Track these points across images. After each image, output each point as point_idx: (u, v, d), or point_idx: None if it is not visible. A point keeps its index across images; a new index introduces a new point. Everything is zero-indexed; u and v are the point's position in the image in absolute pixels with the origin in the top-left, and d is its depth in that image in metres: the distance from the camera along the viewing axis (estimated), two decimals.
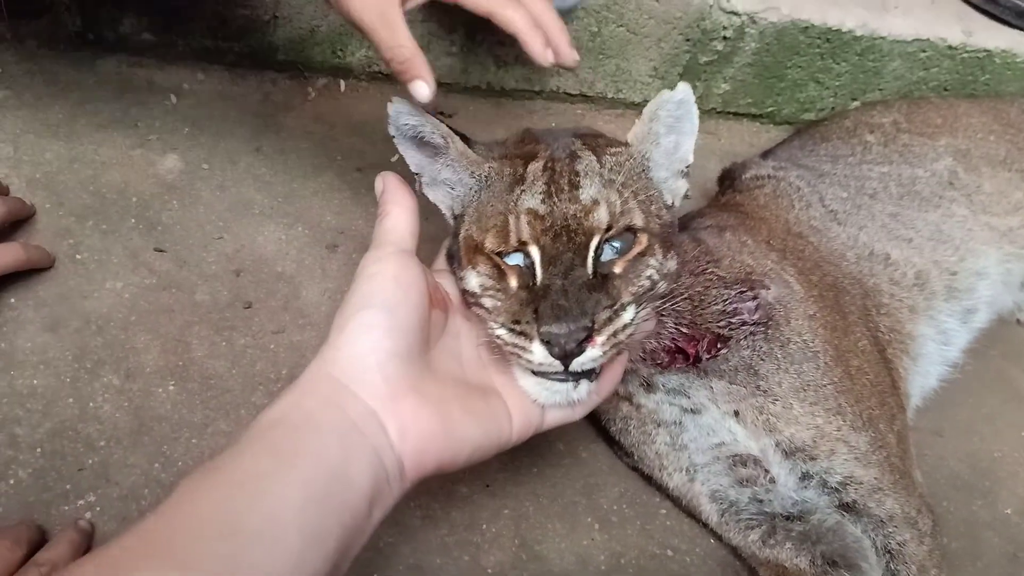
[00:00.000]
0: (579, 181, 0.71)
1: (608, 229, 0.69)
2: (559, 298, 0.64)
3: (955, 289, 1.10)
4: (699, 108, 1.39)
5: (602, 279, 0.67)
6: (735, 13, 1.27)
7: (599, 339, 0.64)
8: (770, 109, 1.44)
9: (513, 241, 0.69)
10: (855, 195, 1.11)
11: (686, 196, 0.81)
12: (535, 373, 0.67)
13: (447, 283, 0.75)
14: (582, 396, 0.69)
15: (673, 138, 0.77)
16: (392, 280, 0.64)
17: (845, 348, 0.91)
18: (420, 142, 0.77)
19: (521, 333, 0.65)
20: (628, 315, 0.67)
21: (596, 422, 0.99)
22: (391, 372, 0.60)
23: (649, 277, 0.70)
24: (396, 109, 0.76)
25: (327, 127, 1.24)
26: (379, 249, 0.67)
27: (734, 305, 0.87)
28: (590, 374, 0.68)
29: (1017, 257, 1.17)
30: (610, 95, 1.36)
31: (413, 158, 0.79)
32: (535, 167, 0.72)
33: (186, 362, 0.92)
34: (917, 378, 1.07)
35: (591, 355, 0.64)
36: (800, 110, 1.44)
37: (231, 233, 1.05)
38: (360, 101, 1.25)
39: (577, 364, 0.65)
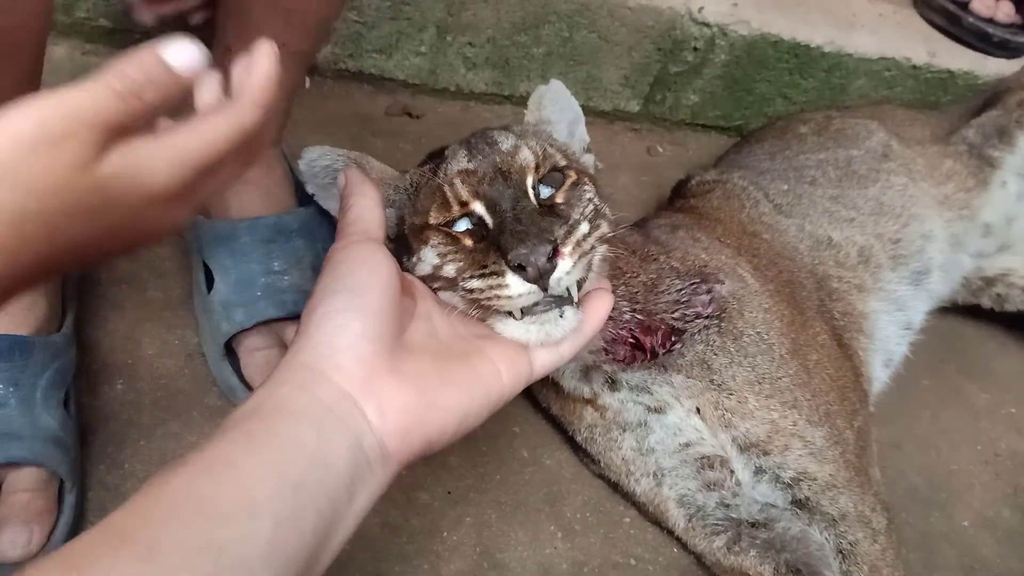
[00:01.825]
0: (496, 139, 0.73)
1: (537, 168, 0.71)
2: (515, 225, 0.65)
3: (901, 255, 1.12)
4: (668, 119, 1.40)
5: (548, 209, 0.70)
6: (706, 24, 1.28)
7: (565, 250, 0.65)
8: (738, 122, 1.45)
9: (455, 205, 0.70)
10: (795, 185, 1.13)
11: (596, 167, 0.86)
12: (517, 319, 0.67)
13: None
14: (570, 323, 0.67)
15: (564, 126, 0.83)
16: (358, 264, 0.63)
17: (803, 342, 0.92)
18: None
19: (492, 273, 0.65)
20: (584, 227, 0.68)
21: (562, 430, 0.98)
22: (363, 354, 0.58)
23: (590, 200, 0.72)
24: (308, 157, 0.76)
25: (291, 124, 1.20)
26: (343, 239, 0.66)
27: (688, 297, 0.88)
28: (571, 300, 0.68)
29: (959, 218, 1.20)
30: (580, 103, 1.34)
31: (337, 206, 0.79)
32: (452, 147, 0.75)
33: (135, 360, 0.89)
34: (877, 355, 1.08)
35: (564, 267, 0.65)
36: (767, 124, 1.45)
37: (185, 228, 1.01)
38: (325, 99, 1.22)
39: (555, 283, 0.65)
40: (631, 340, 0.85)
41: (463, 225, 0.70)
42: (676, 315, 0.87)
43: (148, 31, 1.14)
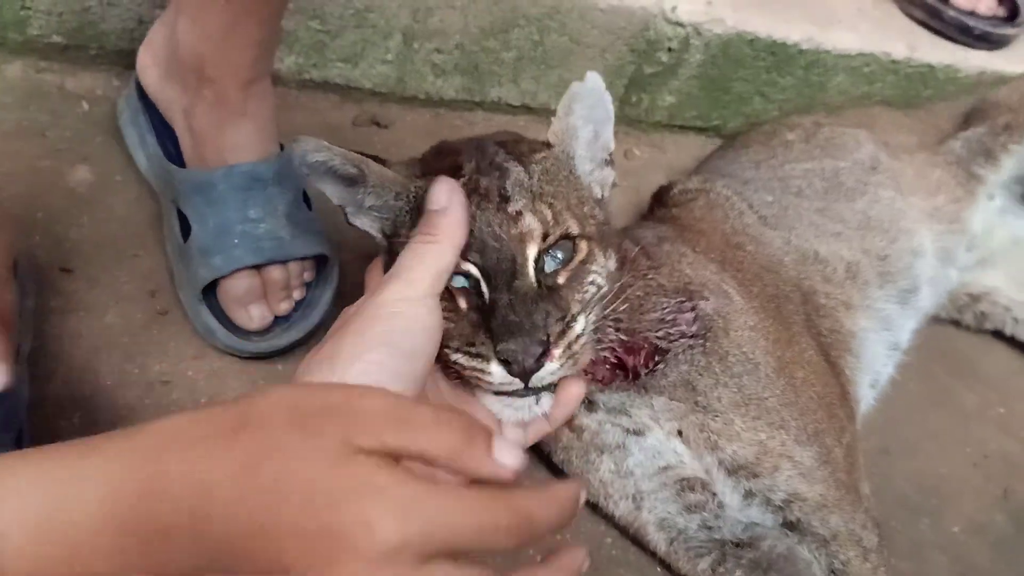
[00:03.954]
0: (508, 195, 0.69)
1: (545, 238, 0.68)
2: (508, 313, 0.63)
3: (888, 273, 1.10)
4: (645, 121, 1.37)
5: (548, 291, 0.66)
6: (680, 24, 1.25)
7: (556, 352, 0.64)
8: (716, 123, 1.42)
9: None
10: (781, 196, 1.11)
11: (614, 184, 0.81)
12: (495, 393, 0.66)
13: None
14: (545, 409, 0.68)
15: (591, 128, 0.77)
16: (419, 326, 0.60)
17: (789, 360, 0.89)
18: (335, 176, 0.75)
19: (477, 355, 0.64)
20: (580, 325, 0.67)
21: (539, 451, 0.95)
22: None
23: (593, 283, 0.70)
24: (302, 149, 0.73)
25: None
26: (410, 287, 0.61)
27: (672, 315, 0.85)
28: (550, 387, 0.67)
29: (948, 232, 1.18)
30: (553, 106, 1.30)
31: (333, 192, 0.77)
32: (466, 168, 0.71)
33: (94, 391, 0.85)
34: (865, 375, 1.05)
35: (550, 369, 0.64)
36: (746, 124, 1.42)
37: (147, 250, 0.98)
38: (290, 110, 1.19)
39: (536, 380, 0.64)
40: (613, 360, 0.82)
41: (459, 282, 0.67)
42: (660, 334, 0.84)
43: (103, 47, 1.11)
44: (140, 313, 0.93)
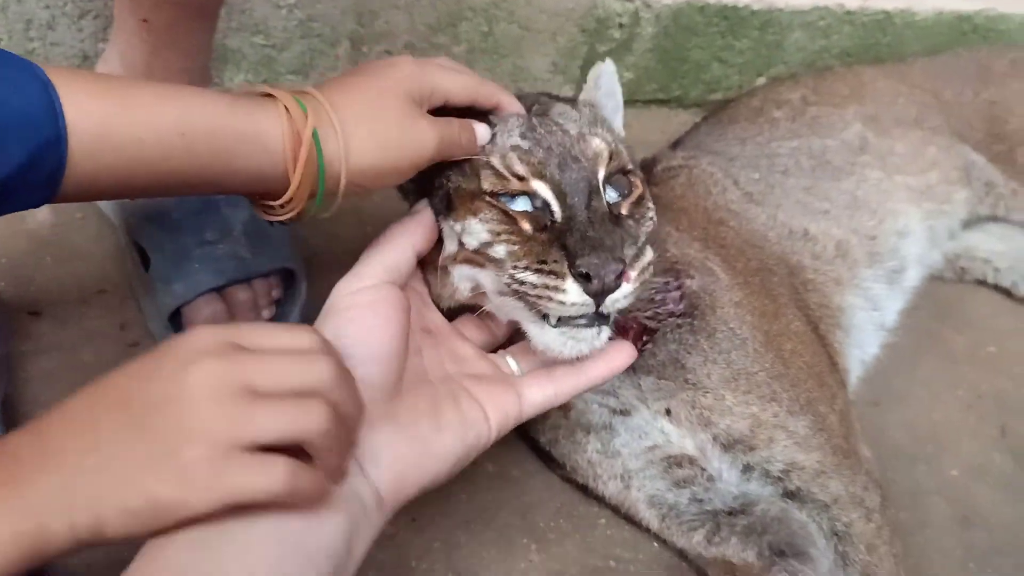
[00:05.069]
0: (563, 120, 0.70)
1: (610, 160, 0.68)
2: (588, 230, 0.62)
3: (877, 253, 1.10)
4: None
5: (615, 218, 0.66)
6: None
7: (632, 274, 0.63)
8: (677, 93, 1.42)
9: (511, 179, 0.66)
10: (767, 174, 1.10)
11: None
12: (553, 325, 0.65)
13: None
14: (603, 343, 0.66)
15: (609, 108, 0.80)
16: (370, 311, 0.62)
17: (776, 332, 0.89)
18: None
19: (551, 272, 0.62)
20: (649, 254, 0.66)
21: (527, 437, 0.95)
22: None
23: (651, 219, 0.70)
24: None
25: None
26: (361, 279, 0.64)
27: (660, 295, 0.85)
28: (608, 320, 0.66)
29: (938, 213, 1.17)
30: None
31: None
32: (505, 115, 0.71)
33: None
34: (853, 350, 1.06)
35: (624, 291, 0.63)
36: (707, 91, 1.42)
37: (113, 285, 0.98)
38: None
39: (609, 302, 0.63)
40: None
41: (522, 205, 0.66)
42: (648, 314, 0.83)
43: None
44: (112, 347, 0.93)
